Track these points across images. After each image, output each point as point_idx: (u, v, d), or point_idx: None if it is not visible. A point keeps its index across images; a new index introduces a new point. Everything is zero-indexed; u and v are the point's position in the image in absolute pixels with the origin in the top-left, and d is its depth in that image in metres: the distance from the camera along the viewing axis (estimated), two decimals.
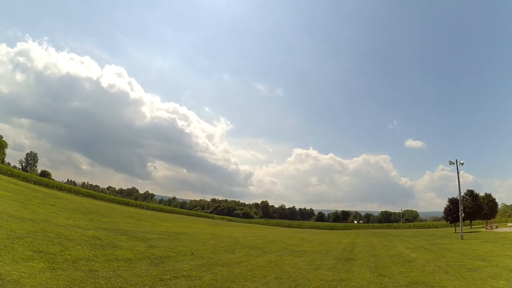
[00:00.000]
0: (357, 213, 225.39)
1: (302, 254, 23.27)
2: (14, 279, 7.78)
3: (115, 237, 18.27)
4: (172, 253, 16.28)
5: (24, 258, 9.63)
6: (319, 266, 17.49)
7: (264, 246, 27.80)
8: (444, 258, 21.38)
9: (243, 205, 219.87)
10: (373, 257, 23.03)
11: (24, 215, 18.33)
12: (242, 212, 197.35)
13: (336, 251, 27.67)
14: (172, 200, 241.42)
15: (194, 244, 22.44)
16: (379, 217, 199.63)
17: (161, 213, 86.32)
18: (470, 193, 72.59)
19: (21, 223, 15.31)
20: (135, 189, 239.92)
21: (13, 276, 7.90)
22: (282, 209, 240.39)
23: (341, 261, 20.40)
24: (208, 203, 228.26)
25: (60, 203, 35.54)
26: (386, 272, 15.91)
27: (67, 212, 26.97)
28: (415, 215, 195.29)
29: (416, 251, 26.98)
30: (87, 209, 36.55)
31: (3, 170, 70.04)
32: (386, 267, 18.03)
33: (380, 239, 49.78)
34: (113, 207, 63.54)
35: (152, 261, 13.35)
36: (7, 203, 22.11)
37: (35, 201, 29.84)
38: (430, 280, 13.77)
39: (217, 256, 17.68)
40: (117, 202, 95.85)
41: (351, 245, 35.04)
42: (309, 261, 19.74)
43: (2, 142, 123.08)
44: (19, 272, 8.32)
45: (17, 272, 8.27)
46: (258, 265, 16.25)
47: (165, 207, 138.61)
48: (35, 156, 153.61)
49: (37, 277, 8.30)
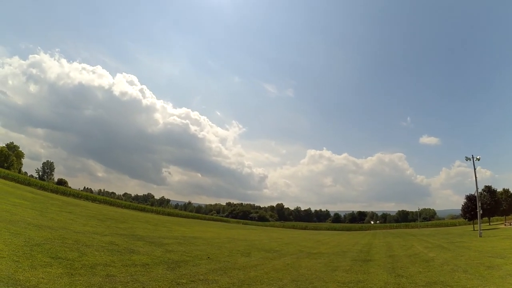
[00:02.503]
0: (373, 213, 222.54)
1: (319, 256, 23.07)
2: (33, 285, 7.83)
3: (132, 243, 18.36)
4: (188, 257, 16.26)
5: (43, 264, 9.71)
6: (335, 268, 17.32)
7: (280, 248, 27.65)
8: (462, 257, 21.08)
9: (258, 208, 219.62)
10: (391, 258, 22.79)
11: (42, 223, 18.61)
12: (257, 215, 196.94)
13: (352, 252, 27.39)
14: (187, 205, 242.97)
15: (210, 248, 22.41)
16: (396, 217, 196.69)
17: (177, 218, 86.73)
18: (487, 189, 70.81)
19: (39, 231, 15.52)
20: (151, 194, 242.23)
21: (32, 282, 7.96)
22: (297, 211, 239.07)
23: (358, 262, 20.19)
24: (223, 207, 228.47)
25: (77, 210, 36.05)
26: (403, 273, 15.72)
27: (84, 219, 27.30)
28: (433, 214, 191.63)
29: (434, 250, 26.59)
30: (103, 215, 36.96)
31: (20, 180, 71.55)
32: (403, 267, 17.83)
33: (398, 239, 49.09)
34: (129, 213, 64.13)
35: (169, 265, 13.34)
36: (25, 211, 22.47)
37: (53, 208, 30.30)
38: (449, 279, 13.55)
39: (233, 260, 17.61)
40: (133, 208, 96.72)
41: (368, 246, 34.62)
42: (326, 263, 19.57)
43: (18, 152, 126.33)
44: (38, 278, 8.38)
45: (35, 278, 8.33)
46: (275, 268, 16.13)
47: (180, 212, 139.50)
48: (51, 165, 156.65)
49: (55, 283, 8.34)
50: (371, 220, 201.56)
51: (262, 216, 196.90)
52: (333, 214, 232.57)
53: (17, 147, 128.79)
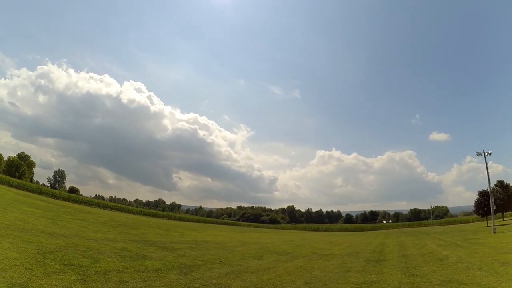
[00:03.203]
0: (385, 212, 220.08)
1: (331, 258, 22.84)
2: None
3: (144, 248, 18.39)
4: (200, 262, 16.22)
5: (56, 272, 9.73)
6: (349, 269, 17.12)
7: (292, 251, 27.48)
8: (477, 254, 20.78)
9: (269, 211, 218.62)
10: (404, 257, 22.51)
11: (55, 231, 18.74)
12: (268, 218, 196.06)
13: (365, 252, 27.10)
14: (198, 209, 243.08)
15: (222, 252, 22.36)
16: (409, 215, 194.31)
17: (189, 223, 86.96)
18: (500, 184, 69.48)
19: (52, 238, 15.62)
20: (162, 200, 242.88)
21: None
22: (309, 213, 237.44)
23: (371, 262, 19.96)
24: (234, 210, 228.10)
25: (89, 217, 36.31)
26: (418, 272, 15.51)
27: (96, 226, 27.47)
28: (445, 211, 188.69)
29: (448, 248, 26.23)
30: (115, 222, 37.17)
31: (32, 188, 72.41)
32: (417, 266, 17.59)
33: (411, 238, 48.49)
34: (141, 219, 64.43)
35: (181, 270, 13.30)
36: (37, 219, 22.67)
37: (65, 216, 30.55)
38: (464, 277, 13.34)
39: (245, 263, 17.51)
40: (145, 214, 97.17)
41: (381, 246, 34.24)
42: (339, 264, 19.37)
43: (30, 162, 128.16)
44: (51, 285, 8.39)
45: (49, 285, 8.34)
46: (287, 271, 16.00)
47: (192, 217, 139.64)
48: (62, 174, 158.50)
49: None
50: (383, 220, 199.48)
51: (273, 218, 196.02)
52: (345, 215, 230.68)
53: (28, 157, 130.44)
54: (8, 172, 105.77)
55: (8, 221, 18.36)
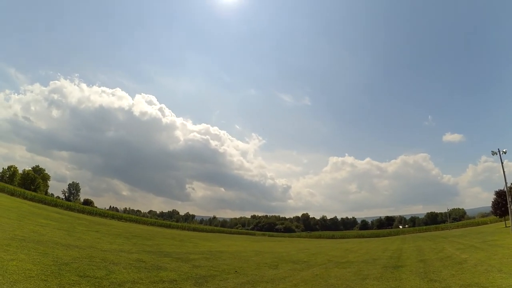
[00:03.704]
0: (401, 217, 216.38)
1: (348, 265, 22.47)
2: None
3: (159, 259, 18.30)
4: (216, 272, 16.04)
5: (71, 283, 9.66)
6: (366, 276, 16.82)
7: (308, 259, 27.10)
8: (496, 256, 20.48)
9: (284, 220, 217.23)
10: (422, 262, 22.14)
11: (70, 242, 18.79)
12: (283, 226, 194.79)
13: (382, 259, 26.64)
14: (212, 219, 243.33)
15: (237, 261, 22.15)
16: (425, 219, 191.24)
17: (203, 233, 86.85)
18: None
19: (67, 250, 15.63)
20: (176, 211, 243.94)
21: None
22: (323, 220, 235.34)
23: (388, 269, 19.64)
24: (249, 220, 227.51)
25: (104, 229, 36.48)
26: (436, 277, 15.22)
27: (111, 237, 27.53)
28: (462, 213, 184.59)
29: (467, 251, 25.80)
30: (130, 233, 37.26)
31: (47, 201, 73.23)
32: (436, 271, 17.30)
33: (428, 242, 47.58)
34: (155, 230, 64.55)
35: (197, 281, 13.15)
36: (52, 231, 22.80)
37: (80, 228, 30.73)
38: (483, 280, 13.10)
39: (261, 273, 17.29)
40: (159, 225, 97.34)
41: (398, 252, 33.62)
42: (355, 271, 19.04)
43: (44, 175, 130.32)
44: None
45: None
46: (303, 279, 15.76)
47: (206, 227, 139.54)
48: (77, 186, 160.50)
49: None
50: (400, 225, 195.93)
51: (288, 227, 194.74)
52: (360, 221, 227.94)
53: (42, 170, 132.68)
54: (24, 185, 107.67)
55: (23, 233, 18.48)
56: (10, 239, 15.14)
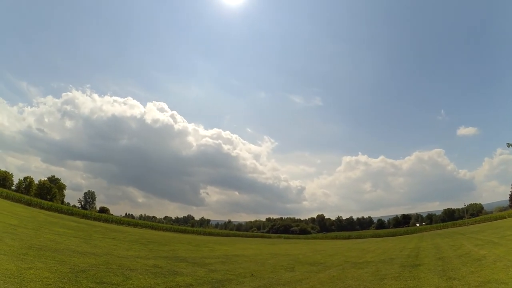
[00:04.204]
0: (418, 215, 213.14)
1: (365, 265, 22.17)
2: None
3: (175, 264, 18.30)
4: (232, 276, 15.96)
5: None
6: (384, 276, 16.56)
7: (324, 261, 26.83)
8: None
9: (299, 221, 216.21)
10: (440, 260, 21.72)
11: (86, 250, 18.93)
12: (298, 228, 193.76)
13: (400, 258, 26.22)
14: (227, 223, 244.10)
15: (253, 265, 22.03)
16: (442, 216, 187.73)
17: (218, 237, 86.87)
18: None
19: (83, 257, 15.72)
20: (191, 216, 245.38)
21: None
22: (339, 221, 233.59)
23: (406, 268, 19.29)
24: (264, 222, 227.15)
25: (120, 235, 36.72)
26: (455, 275, 14.92)
27: (127, 244, 27.66)
28: (480, 208, 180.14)
29: (485, 247, 25.20)
30: (146, 239, 37.43)
31: (64, 210, 74.30)
32: (454, 269, 16.93)
33: (446, 239, 46.65)
34: (171, 235, 64.81)
35: (213, 285, 13.09)
36: (69, 239, 23.01)
37: (96, 235, 30.99)
38: (503, 277, 12.80)
39: (277, 276, 17.15)
40: (174, 231, 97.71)
41: (416, 250, 33.04)
42: (373, 271, 18.77)
43: (60, 185, 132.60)
44: None
45: None
46: (320, 281, 15.60)
47: (221, 231, 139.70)
48: (92, 195, 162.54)
49: None
50: (417, 223, 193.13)
51: (303, 228, 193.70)
52: (376, 220, 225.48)
53: (58, 180, 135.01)
54: (40, 195, 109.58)
55: (40, 242, 18.67)
56: (27, 248, 15.29)
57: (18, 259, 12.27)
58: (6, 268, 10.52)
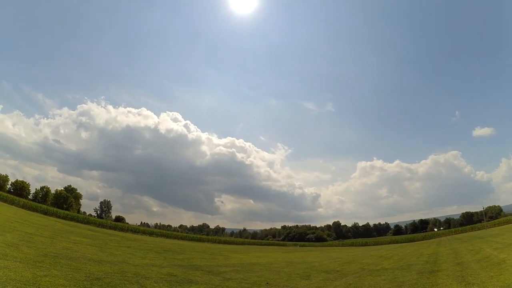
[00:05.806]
0: (436, 219, 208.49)
1: (382, 273, 21.77)
2: None
3: (190, 273, 18.21)
4: (247, 284, 15.79)
5: None
6: (401, 284, 16.24)
7: (340, 268, 26.39)
8: None
9: (315, 229, 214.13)
10: (459, 265, 21.28)
11: (102, 258, 18.99)
12: (314, 235, 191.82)
13: (418, 264, 25.73)
14: (242, 231, 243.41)
15: (268, 273, 21.80)
16: (461, 220, 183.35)
17: (233, 246, 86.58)
18: None
19: (99, 265, 15.75)
20: (206, 225, 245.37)
21: None
22: (355, 228, 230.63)
23: (424, 274, 18.92)
24: (279, 230, 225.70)
25: (135, 244, 36.88)
26: (474, 280, 14.58)
27: (142, 252, 27.72)
28: (499, 211, 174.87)
29: (505, 251, 24.66)
30: (161, 248, 37.49)
31: (80, 219, 75.36)
32: (473, 274, 16.54)
33: (465, 244, 45.54)
34: (186, 244, 64.86)
35: None
36: (85, 248, 23.17)
37: (112, 244, 31.16)
38: None
39: (292, 284, 16.92)
40: (189, 239, 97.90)
41: (434, 256, 32.32)
42: (390, 279, 18.40)
43: (76, 194, 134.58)
44: None
45: None
46: None
47: (236, 239, 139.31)
48: (108, 204, 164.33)
49: None
50: (435, 227, 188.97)
51: (319, 236, 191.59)
52: (393, 226, 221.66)
53: (74, 189, 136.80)
54: (56, 204, 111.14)
55: (56, 250, 18.82)
56: (43, 256, 15.41)
57: (34, 267, 12.35)
58: (22, 275, 10.58)
